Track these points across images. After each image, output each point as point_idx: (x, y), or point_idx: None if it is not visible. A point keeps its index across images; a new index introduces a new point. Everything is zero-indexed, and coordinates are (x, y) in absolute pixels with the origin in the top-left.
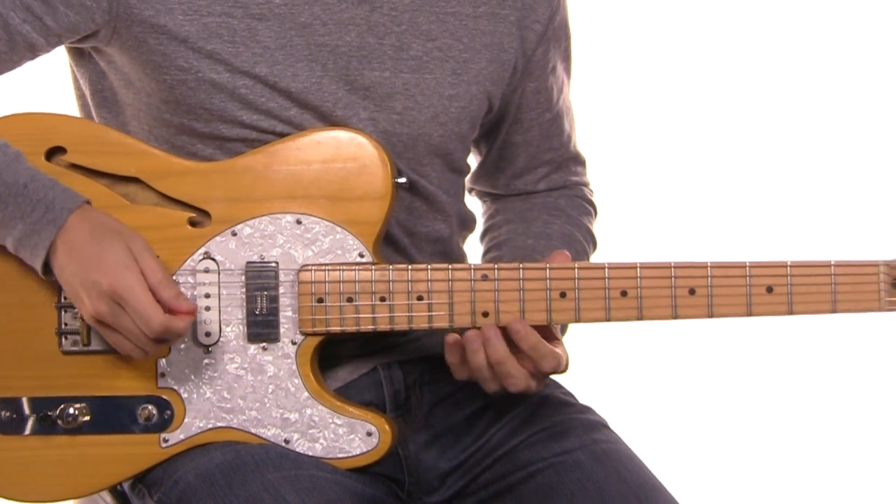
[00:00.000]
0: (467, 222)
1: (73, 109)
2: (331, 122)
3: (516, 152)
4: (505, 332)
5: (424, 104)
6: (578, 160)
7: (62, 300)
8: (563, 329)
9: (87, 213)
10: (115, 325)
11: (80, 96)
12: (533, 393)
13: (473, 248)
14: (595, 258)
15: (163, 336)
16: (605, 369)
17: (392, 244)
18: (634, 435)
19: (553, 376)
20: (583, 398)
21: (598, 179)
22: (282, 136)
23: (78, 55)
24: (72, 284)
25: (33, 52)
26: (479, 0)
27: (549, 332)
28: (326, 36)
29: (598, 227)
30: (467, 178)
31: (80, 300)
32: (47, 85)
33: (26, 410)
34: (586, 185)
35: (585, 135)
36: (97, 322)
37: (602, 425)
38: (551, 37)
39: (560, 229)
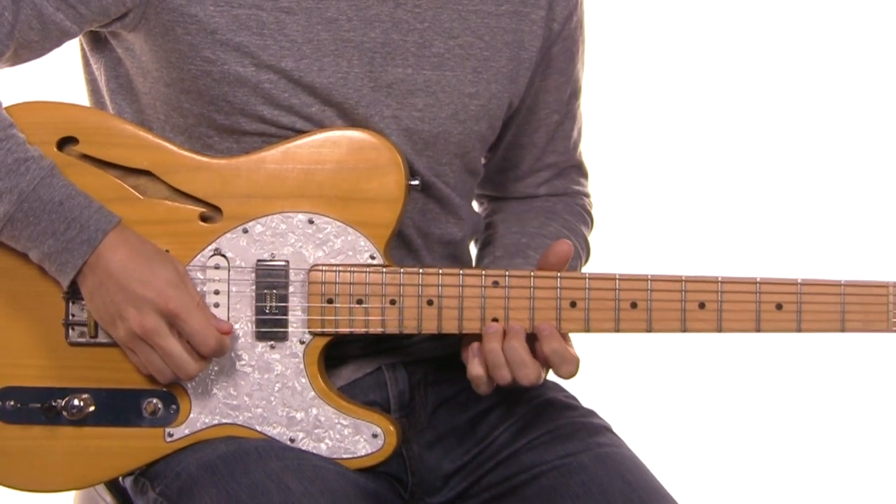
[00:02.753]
0: (478, 226)
1: (83, 97)
2: (352, 119)
3: (522, 155)
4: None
5: (445, 101)
6: (581, 170)
7: (70, 291)
8: None
9: (124, 234)
10: (157, 344)
11: (91, 81)
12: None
13: None
14: (606, 269)
15: (215, 353)
16: (607, 374)
17: (406, 245)
18: (637, 439)
19: (555, 380)
20: (586, 402)
21: (613, 191)
22: (300, 132)
23: (94, 41)
24: (112, 303)
25: (64, 38)
26: None
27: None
28: (352, 31)
29: (597, 238)
30: None
31: (122, 318)
32: (58, 72)
33: (31, 400)
34: (587, 195)
35: (601, 146)
36: (135, 339)
37: (605, 429)
38: (567, 36)
39: (555, 232)
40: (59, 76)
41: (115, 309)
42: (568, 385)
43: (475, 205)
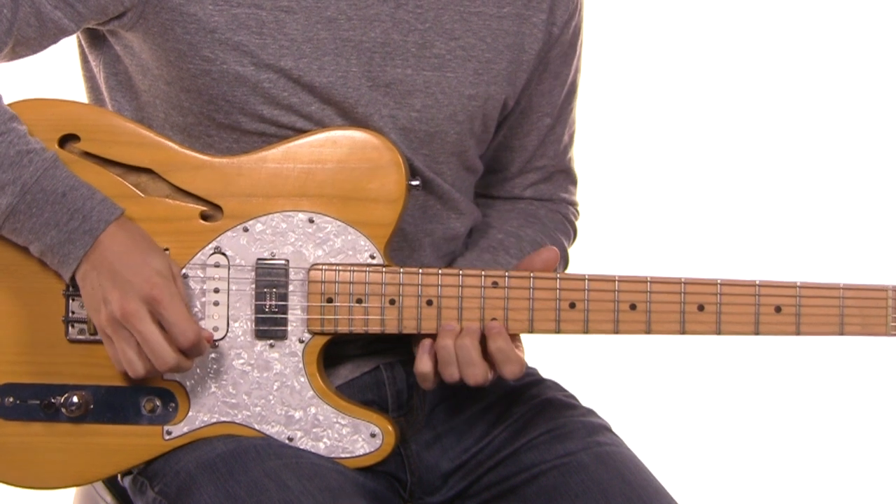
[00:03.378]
0: (478, 221)
1: (82, 94)
2: (352, 118)
3: (512, 157)
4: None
5: (444, 102)
6: (570, 176)
7: (70, 288)
8: None
9: (125, 224)
10: (135, 329)
11: (90, 78)
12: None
13: None
14: (605, 271)
15: (192, 349)
16: (607, 374)
17: (409, 243)
18: (636, 439)
19: (555, 379)
20: (585, 402)
21: (613, 193)
22: (300, 131)
23: (93, 38)
24: (100, 286)
25: (62, 36)
26: (504, 0)
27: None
28: (351, 31)
29: (596, 239)
30: None
31: (105, 301)
32: (58, 69)
33: (30, 397)
34: (574, 204)
35: (600, 148)
36: (115, 324)
37: (605, 428)
38: (565, 41)
39: (532, 235)
40: (59, 73)
41: (101, 292)
42: (567, 385)
43: None
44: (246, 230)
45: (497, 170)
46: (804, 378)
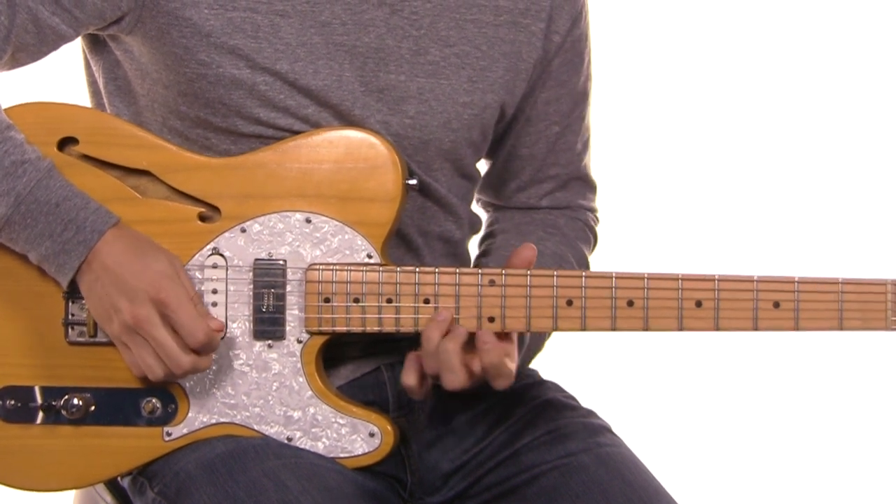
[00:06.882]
0: (476, 226)
1: (85, 98)
2: (348, 121)
3: (522, 165)
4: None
5: (438, 109)
6: (588, 183)
7: (69, 291)
8: (545, 338)
9: (122, 231)
10: (149, 335)
11: (92, 83)
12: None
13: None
14: (602, 267)
15: (203, 348)
16: (607, 374)
17: (405, 244)
18: (636, 439)
19: (555, 380)
20: (585, 402)
21: (609, 189)
22: (298, 134)
23: (93, 43)
24: (107, 295)
25: (61, 42)
26: (501, 9)
27: (506, 337)
28: (345, 35)
29: (602, 245)
30: None
31: (116, 310)
32: (59, 74)
33: (31, 400)
34: (593, 210)
35: (597, 144)
36: (129, 332)
37: (605, 429)
38: (569, 48)
39: (553, 248)
40: (61, 77)
41: (110, 302)
42: (567, 386)
43: (482, 213)
44: (243, 231)
45: (509, 178)
46: (804, 375)
